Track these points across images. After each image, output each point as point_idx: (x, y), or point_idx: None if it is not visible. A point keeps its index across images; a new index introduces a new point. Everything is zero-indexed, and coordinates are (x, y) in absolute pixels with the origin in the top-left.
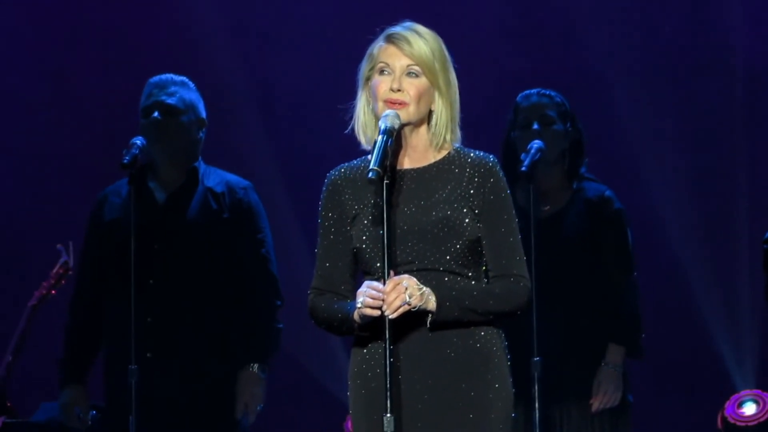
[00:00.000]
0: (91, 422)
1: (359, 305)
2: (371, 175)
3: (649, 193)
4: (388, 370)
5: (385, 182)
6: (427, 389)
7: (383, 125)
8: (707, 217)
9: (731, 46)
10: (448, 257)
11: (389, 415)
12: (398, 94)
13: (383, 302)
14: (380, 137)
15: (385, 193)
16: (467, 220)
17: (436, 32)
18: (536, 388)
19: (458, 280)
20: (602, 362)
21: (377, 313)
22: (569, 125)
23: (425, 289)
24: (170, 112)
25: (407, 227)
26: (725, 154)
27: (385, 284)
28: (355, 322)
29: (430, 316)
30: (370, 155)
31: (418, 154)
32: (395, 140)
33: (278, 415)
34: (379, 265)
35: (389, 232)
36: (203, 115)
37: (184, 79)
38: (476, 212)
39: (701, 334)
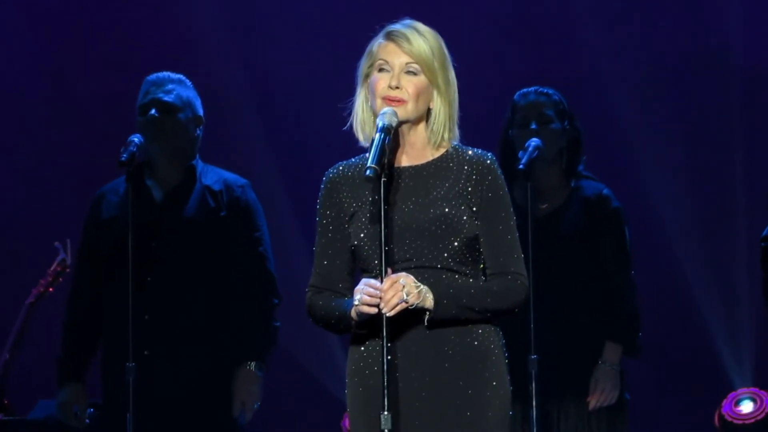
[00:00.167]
0: (88, 420)
1: (356, 303)
2: (369, 172)
3: (647, 191)
4: (385, 367)
5: (382, 180)
6: (424, 387)
7: (381, 123)
8: (705, 215)
9: (731, 45)
10: (445, 255)
11: (386, 412)
12: (397, 91)
13: (380, 300)
14: (378, 135)
15: (382, 190)
16: (465, 217)
17: (436, 30)
18: (533, 385)
19: (456, 277)
20: (599, 360)
21: (374, 310)
22: (567, 123)
23: (423, 286)
24: (167, 109)
25: (405, 225)
26: (724, 152)
27: (382, 282)
28: (352, 319)
29: (427, 313)
30: (368, 153)
31: (416, 151)
32: (393, 138)
33: (275, 413)
34: (377, 262)
35: (387, 229)
36: (200, 112)
37: (181, 76)
38: (474, 210)
39: (699, 332)
